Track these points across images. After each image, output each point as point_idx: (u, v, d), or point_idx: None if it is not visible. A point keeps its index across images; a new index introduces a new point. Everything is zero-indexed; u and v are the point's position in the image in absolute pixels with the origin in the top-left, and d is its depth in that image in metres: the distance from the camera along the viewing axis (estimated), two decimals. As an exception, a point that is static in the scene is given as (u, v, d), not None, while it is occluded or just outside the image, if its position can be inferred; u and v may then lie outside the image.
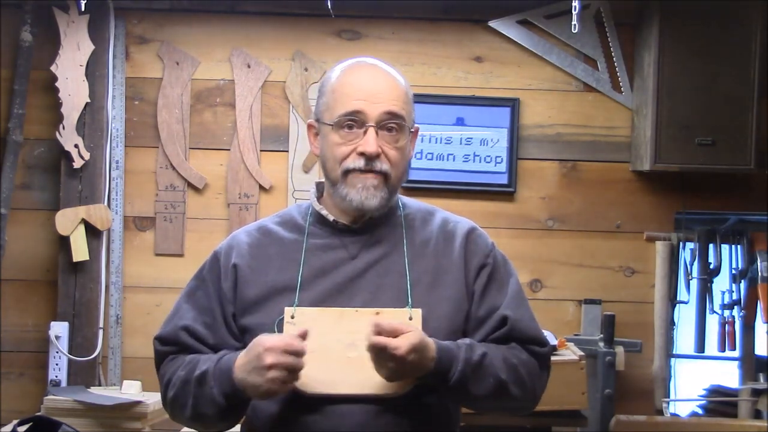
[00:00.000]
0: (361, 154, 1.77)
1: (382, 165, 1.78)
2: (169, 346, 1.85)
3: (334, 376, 1.70)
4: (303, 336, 1.66)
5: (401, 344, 1.64)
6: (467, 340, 1.80)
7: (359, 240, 1.84)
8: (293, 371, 1.65)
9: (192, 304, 1.86)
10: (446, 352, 1.73)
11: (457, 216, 1.96)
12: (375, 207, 1.80)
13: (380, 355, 1.65)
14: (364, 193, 1.78)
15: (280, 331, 1.73)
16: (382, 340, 1.64)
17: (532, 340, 1.85)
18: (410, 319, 1.74)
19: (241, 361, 1.70)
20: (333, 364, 1.71)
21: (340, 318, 1.74)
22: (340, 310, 1.75)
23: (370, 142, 1.76)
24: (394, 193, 1.85)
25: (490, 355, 1.78)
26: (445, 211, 1.97)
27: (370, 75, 1.83)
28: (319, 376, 1.69)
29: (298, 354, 1.64)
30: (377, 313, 1.73)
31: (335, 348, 1.71)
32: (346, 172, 1.79)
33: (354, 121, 1.78)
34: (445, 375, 1.73)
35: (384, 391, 1.69)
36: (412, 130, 1.87)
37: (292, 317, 1.74)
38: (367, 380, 1.69)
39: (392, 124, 1.79)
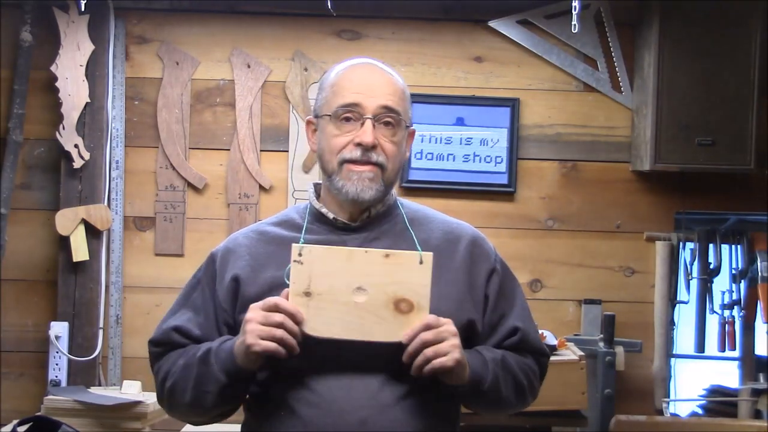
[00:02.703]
0: (358, 144, 1.80)
1: (378, 156, 1.80)
2: (162, 347, 1.86)
3: (342, 321, 1.70)
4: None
5: (445, 325, 1.70)
6: (481, 347, 1.85)
7: (358, 237, 1.85)
8: (279, 327, 1.66)
9: (187, 305, 1.88)
10: (472, 355, 1.78)
11: (455, 219, 1.98)
12: (370, 199, 1.82)
13: (430, 344, 1.68)
14: (360, 185, 1.81)
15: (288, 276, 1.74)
16: (426, 334, 1.67)
17: (538, 351, 1.94)
18: (420, 262, 1.72)
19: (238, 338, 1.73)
20: (341, 309, 1.70)
21: (349, 258, 1.72)
22: (348, 250, 1.74)
23: (367, 132, 1.79)
24: (389, 187, 1.87)
25: (507, 357, 1.85)
26: (443, 214, 1.99)
27: (368, 71, 1.87)
28: (327, 321, 1.70)
29: (280, 311, 1.66)
30: (386, 255, 1.72)
31: (343, 291, 1.70)
32: (342, 163, 1.81)
33: (351, 113, 1.81)
34: (481, 378, 1.77)
35: (390, 339, 1.69)
36: (409, 127, 1.89)
37: (300, 254, 1.72)
38: (374, 327, 1.70)
39: (389, 118, 1.82)
